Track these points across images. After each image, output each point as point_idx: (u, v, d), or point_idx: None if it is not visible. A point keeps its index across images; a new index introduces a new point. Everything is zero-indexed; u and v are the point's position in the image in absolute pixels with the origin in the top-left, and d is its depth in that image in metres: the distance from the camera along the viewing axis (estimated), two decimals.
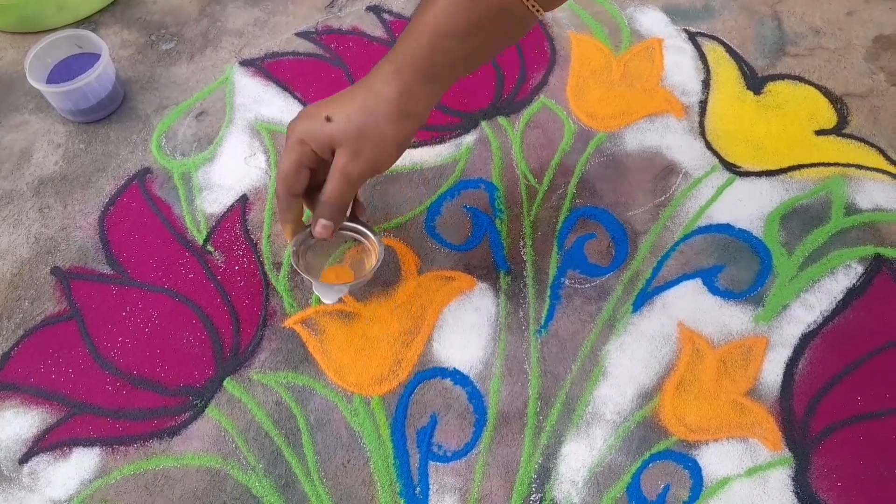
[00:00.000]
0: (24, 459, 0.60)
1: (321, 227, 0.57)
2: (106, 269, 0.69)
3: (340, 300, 0.66)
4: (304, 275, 0.60)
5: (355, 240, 0.63)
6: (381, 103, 0.53)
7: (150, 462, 0.59)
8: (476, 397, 0.62)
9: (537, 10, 0.52)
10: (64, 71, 0.78)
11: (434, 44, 0.52)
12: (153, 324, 0.66)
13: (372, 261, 0.62)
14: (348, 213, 0.60)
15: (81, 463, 0.60)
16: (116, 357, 0.64)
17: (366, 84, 0.54)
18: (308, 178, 0.57)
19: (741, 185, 0.73)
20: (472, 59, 0.55)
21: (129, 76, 0.82)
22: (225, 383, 0.63)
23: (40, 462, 0.60)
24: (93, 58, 0.76)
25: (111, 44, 0.84)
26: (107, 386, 0.63)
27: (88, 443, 0.60)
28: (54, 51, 0.78)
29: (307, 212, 0.61)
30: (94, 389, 0.63)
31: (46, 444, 0.60)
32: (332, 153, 0.54)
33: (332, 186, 0.55)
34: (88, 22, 0.86)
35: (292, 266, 0.61)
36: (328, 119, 0.54)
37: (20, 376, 0.63)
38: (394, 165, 0.57)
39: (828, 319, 0.65)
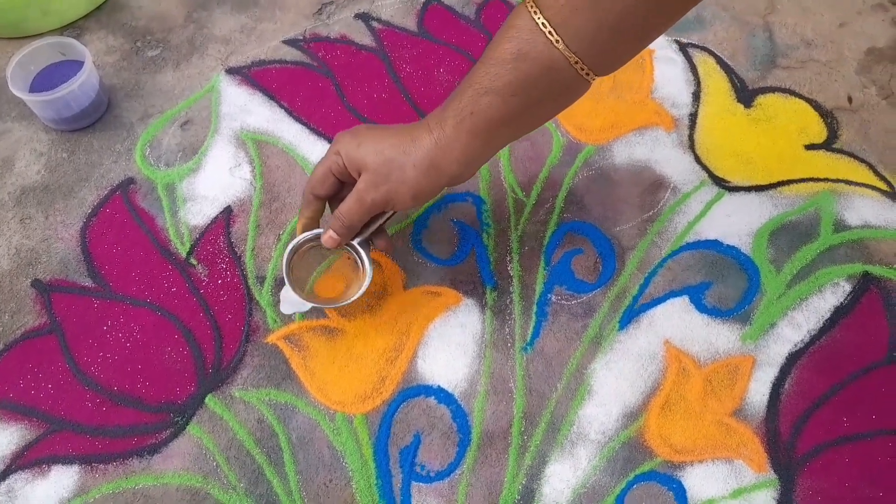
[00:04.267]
0: (1, 477, 0.59)
1: (328, 236, 0.60)
2: (87, 282, 0.68)
3: (292, 317, 0.66)
4: (284, 270, 0.61)
5: (354, 263, 0.64)
6: (413, 148, 0.54)
7: (129, 481, 0.59)
8: (460, 416, 0.62)
9: (588, 74, 0.50)
10: (47, 78, 0.77)
11: (476, 100, 0.52)
12: (134, 339, 0.65)
13: (352, 291, 0.63)
14: (364, 236, 0.62)
15: (60, 481, 0.59)
16: (97, 372, 0.63)
17: (412, 127, 0.56)
18: (335, 186, 0.60)
19: (730, 200, 0.72)
20: (519, 120, 0.54)
21: (113, 83, 0.81)
22: (207, 400, 0.62)
23: (18, 480, 0.59)
24: (76, 65, 0.75)
25: (96, 49, 0.83)
26: (87, 402, 0.62)
27: (67, 460, 0.60)
28: (37, 58, 0.77)
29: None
30: (73, 405, 0.62)
31: (25, 461, 0.60)
32: (359, 174, 0.56)
33: (347, 204, 0.58)
34: (73, 27, 0.85)
35: (286, 260, 0.62)
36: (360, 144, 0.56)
37: None
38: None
39: (815, 338, 0.65)
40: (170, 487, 0.58)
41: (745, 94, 0.80)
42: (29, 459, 0.60)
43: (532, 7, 0.49)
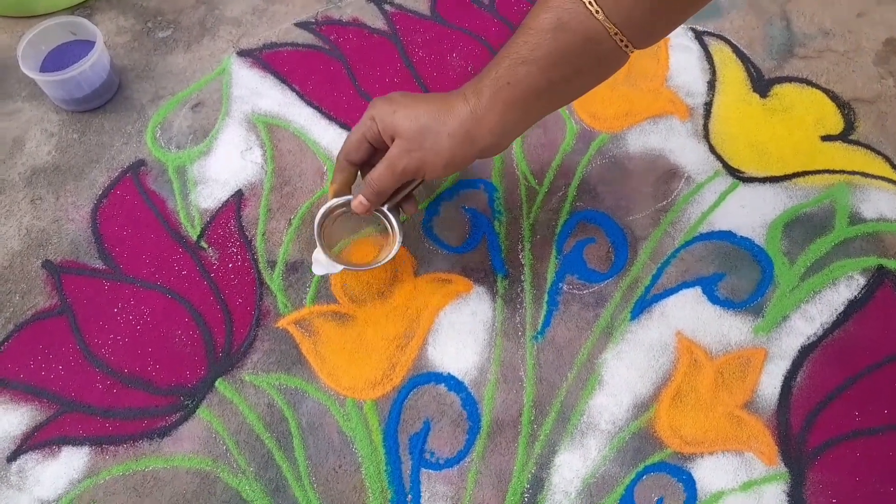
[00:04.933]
0: (12, 457, 0.59)
1: (358, 202, 0.60)
2: (98, 264, 0.68)
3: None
4: (316, 232, 0.62)
5: (384, 229, 0.64)
6: (449, 117, 0.54)
7: (139, 463, 0.59)
8: (470, 404, 0.61)
9: (626, 46, 0.50)
10: (58, 58, 0.77)
11: (513, 70, 0.51)
12: (145, 321, 0.65)
13: (381, 255, 0.64)
14: (394, 202, 0.62)
15: (70, 462, 0.59)
16: (107, 354, 0.63)
17: (448, 96, 0.55)
18: (369, 152, 0.60)
19: (744, 191, 0.72)
20: (556, 92, 0.53)
21: (124, 64, 0.80)
22: (217, 384, 0.62)
23: (29, 460, 0.59)
24: (87, 45, 0.75)
25: (106, 30, 0.82)
26: (97, 384, 0.62)
27: (78, 442, 0.60)
28: (48, 37, 0.76)
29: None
30: (84, 387, 0.62)
31: (35, 441, 0.60)
32: (392, 140, 0.56)
33: (378, 170, 0.57)
34: (84, 7, 0.84)
35: (318, 223, 0.62)
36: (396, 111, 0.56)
37: (10, 372, 0.63)
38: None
39: (828, 332, 0.64)
40: (179, 470, 0.59)
41: (762, 84, 0.79)
42: (39, 440, 0.60)
43: None
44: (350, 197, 0.62)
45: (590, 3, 0.48)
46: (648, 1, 0.48)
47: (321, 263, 0.63)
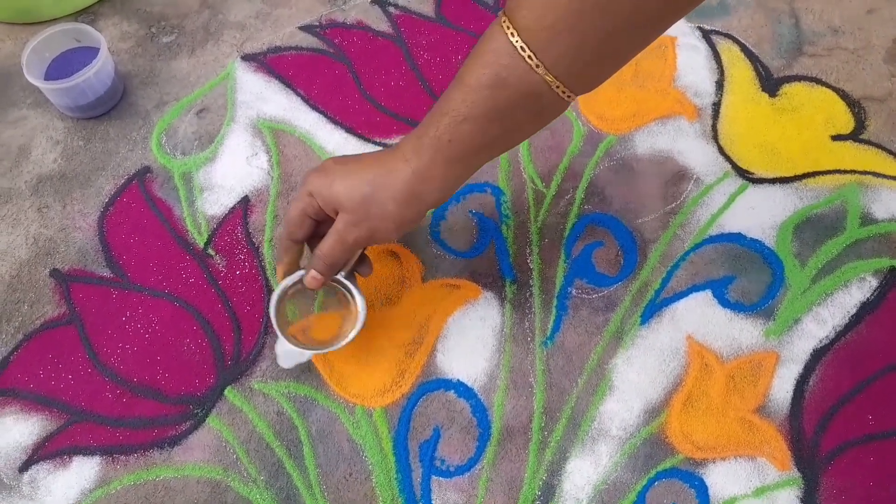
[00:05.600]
0: (24, 468, 0.59)
1: (311, 277, 0.58)
2: (106, 272, 0.68)
3: (297, 365, 0.62)
4: (275, 323, 0.59)
5: (344, 297, 0.61)
6: (391, 181, 0.52)
7: (150, 472, 0.59)
8: (480, 411, 0.61)
9: (568, 96, 0.48)
10: (62, 65, 0.76)
11: (454, 129, 0.50)
12: (153, 329, 0.65)
13: (348, 327, 0.60)
14: (348, 268, 0.60)
15: (82, 472, 0.59)
16: (116, 363, 0.63)
17: (386, 157, 0.53)
18: (311, 227, 0.57)
19: (754, 192, 0.71)
20: (497, 144, 0.52)
21: (128, 70, 0.80)
22: (226, 392, 0.62)
23: (40, 470, 0.59)
24: (91, 51, 0.74)
25: (110, 36, 0.82)
26: (107, 393, 0.62)
27: (89, 451, 0.60)
28: (52, 44, 0.76)
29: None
30: (94, 396, 0.62)
31: (46, 452, 0.60)
32: (336, 212, 0.54)
33: (328, 244, 0.55)
34: (87, 13, 0.84)
35: (273, 312, 0.59)
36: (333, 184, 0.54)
37: (20, 382, 0.63)
38: None
39: (840, 335, 0.64)
40: (190, 480, 0.59)
41: (770, 83, 0.78)
42: (50, 450, 0.60)
43: (508, 28, 0.46)
44: (302, 272, 0.59)
45: (529, 57, 0.46)
46: (588, 52, 0.46)
47: (289, 354, 0.61)
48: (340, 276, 0.59)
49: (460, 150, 0.51)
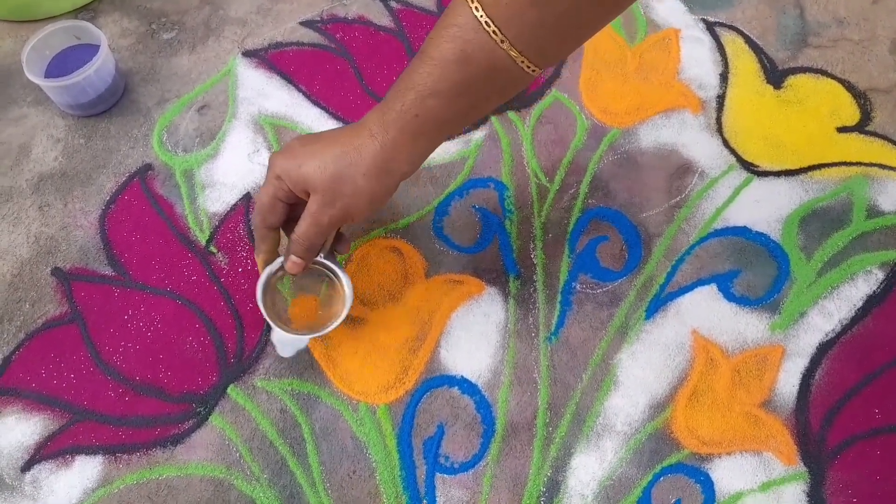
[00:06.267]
0: (26, 467, 0.59)
1: (291, 263, 0.58)
2: (107, 271, 0.67)
3: (297, 352, 0.63)
4: (265, 314, 0.59)
5: (328, 277, 0.61)
6: (360, 157, 0.52)
7: (153, 471, 0.59)
8: (484, 407, 0.61)
9: (533, 70, 0.48)
10: (62, 63, 0.76)
11: (420, 103, 0.50)
12: (156, 328, 0.65)
13: (339, 306, 0.60)
14: (327, 249, 0.60)
15: (84, 471, 0.59)
16: (119, 362, 0.63)
17: (351, 133, 0.53)
18: (285, 211, 0.57)
19: (759, 185, 0.71)
20: (463, 118, 0.52)
21: (129, 67, 0.79)
22: (229, 390, 0.62)
23: (42, 470, 0.59)
24: (92, 49, 0.74)
25: (110, 33, 0.82)
26: (109, 392, 0.62)
27: (91, 451, 0.60)
28: (52, 42, 0.76)
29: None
30: (96, 395, 0.62)
31: (49, 451, 0.60)
32: (308, 194, 0.54)
33: (302, 228, 0.55)
34: (87, 10, 0.84)
35: (261, 304, 0.59)
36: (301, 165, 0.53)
37: (22, 381, 0.62)
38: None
39: (846, 328, 0.63)
40: (193, 478, 0.58)
41: (775, 75, 0.77)
42: (53, 450, 0.60)
43: (473, 2, 0.46)
44: (281, 259, 0.59)
45: (494, 32, 0.46)
46: (551, 26, 0.46)
47: (287, 343, 0.61)
48: (321, 258, 0.59)
49: (426, 124, 0.51)
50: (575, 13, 0.46)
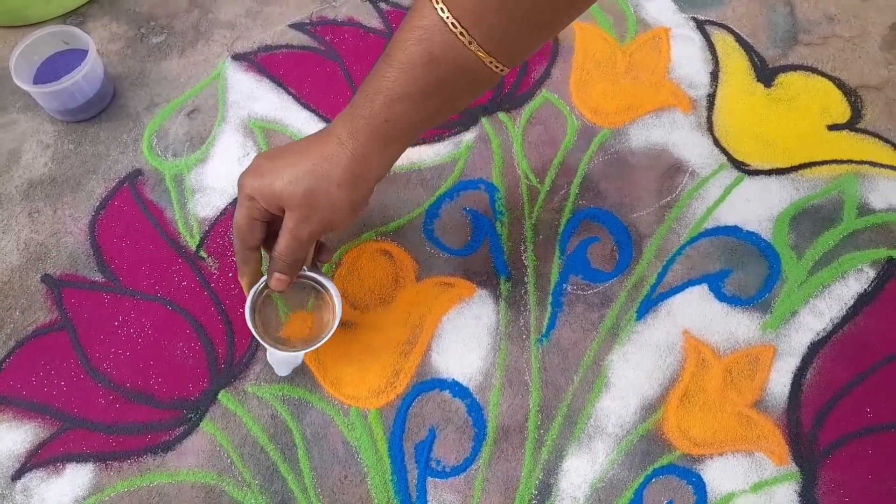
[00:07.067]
0: (16, 476, 0.59)
1: (275, 280, 0.57)
2: (98, 277, 0.67)
3: (294, 369, 0.62)
4: (257, 336, 0.58)
5: (314, 289, 0.61)
6: (332, 168, 0.51)
7: (144, 478, 0.59)
8: (475, 410, 0.61)
9: (500, 70, 0.48)
10: (51, 68, 0.76)
11: (389, 108, 0.49)
12: (146, 334, 0.64)
13: (328, 315, 0.60)
14: (310, 261, 0.59)
15: (75, 479, 0.59)
16: (109, 369, 0.63)
17: (320, 143, 0.52)
18: (263, 229, 0.56)
19: (750, 184, 0.70)
20: (433, 119, 0.52)
21: (118, 72, 0.79)
22: (220, 396, 0.62)
23: (33, 478, 0.59)
24: (80, 54, 0.73)
25: (99, 37, 0.81)
26: (100, 399, 0.62)
27: (82, 458, 0.60)
28: (40, 48, 0.75)
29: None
30: (87, 403, 0.62)
31: (39, 459, 0.60)
32: (283, 210, 0.53)
33: (282, 245, 0.54)
34: (76, 14, 0.83)
35: (251, 325, 0.59)
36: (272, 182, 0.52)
37: (12, 389, 0.62)
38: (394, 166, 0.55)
39: (837, 327, 0.63)
40: (185, 485, 0.58)
41: (766, 73, 0.77)
42: (43, 458, 0.60)
43: (438, 3, 0.45)
44: (265, 278, 0.58)
45: (461, 33, 0.45)
46: (517, 26, 0.46)
47: (283, 363, 0.60)
48: (305, 270, 0.59)
49: (396, 128, 0.50)
50: (540, 11, 0.46)
